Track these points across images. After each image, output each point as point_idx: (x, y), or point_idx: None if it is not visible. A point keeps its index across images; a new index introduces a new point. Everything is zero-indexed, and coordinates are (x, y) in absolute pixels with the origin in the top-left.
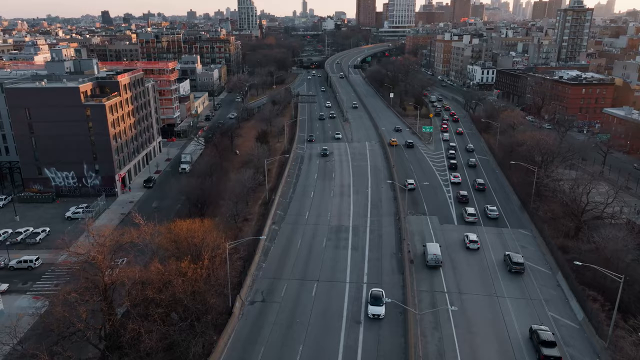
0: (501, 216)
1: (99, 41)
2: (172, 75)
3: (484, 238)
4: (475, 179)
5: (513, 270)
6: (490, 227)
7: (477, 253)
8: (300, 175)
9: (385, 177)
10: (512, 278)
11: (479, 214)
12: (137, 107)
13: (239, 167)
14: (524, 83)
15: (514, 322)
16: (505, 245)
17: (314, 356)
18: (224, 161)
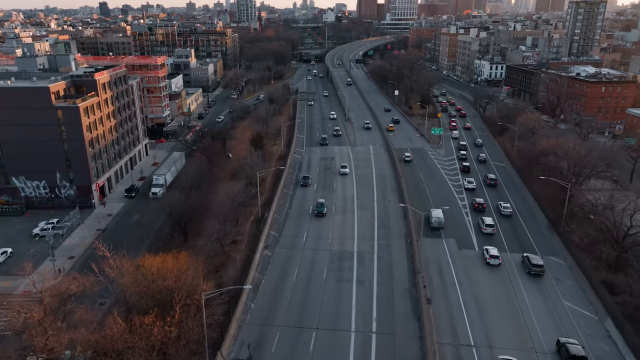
0: (525, 235)
1: (91, 33)
2: (161, 71)
3: (511, 271)
4: (498, 201)
5: (532, 272)
6: (517, 253)
7: (500, 273)
8: (298, 186)
9: (392, 188)
10: (553, 326)
11: (497, 224)
12: (119, 108)
13: (230, 176)
14: (537, 80)
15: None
16: (538, 280)
17: None
18: (215, 167)
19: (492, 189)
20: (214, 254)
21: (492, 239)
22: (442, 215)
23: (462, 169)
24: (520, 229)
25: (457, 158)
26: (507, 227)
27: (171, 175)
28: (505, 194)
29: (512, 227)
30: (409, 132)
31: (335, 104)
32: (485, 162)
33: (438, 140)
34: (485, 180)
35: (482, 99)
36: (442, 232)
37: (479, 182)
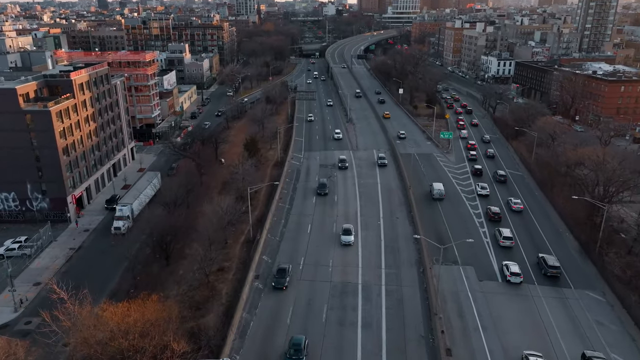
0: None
1: (84, 27)
2: (149, 69)
3: (542, 309)
4: (509, 198)
5: (549, 274)
6: (546, 286)
7: (529, 308)
8: (295, 198)
9: (400, 202)
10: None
11: (515, 237)
12: (100, 110)
13: (221, 186)
14: (549, 78)
15: None
16: (576, 322)
17: None
18: (205, 175)
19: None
20: (197, 283)
21: (510, 253)
22: (443, 187)
23: (473, 172)
24: (544, 249)
25: (468, 160)
26: (530, 250)
27: (140, 204)
28: (525, 208)
29: (535, 246)
30: (415, 134)
31: (336, 102)
32: (493, 158)
33: (447, 145)
34: (496, 176)
35: (492, 98)
36: (458, 257)
37: (492, 184)
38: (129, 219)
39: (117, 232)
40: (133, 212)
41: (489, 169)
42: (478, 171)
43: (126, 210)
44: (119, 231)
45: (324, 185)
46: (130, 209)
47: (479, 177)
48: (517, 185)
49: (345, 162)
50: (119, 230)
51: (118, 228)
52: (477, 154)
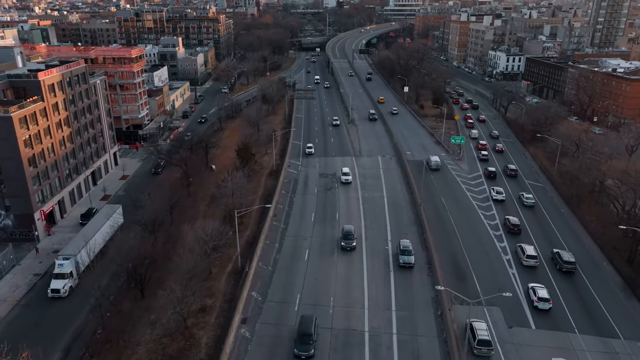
0: (591, 299)
1: (76, 19)
2: (135, 65)
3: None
4: (521, 193)
5: (564, 269)
6: (590, 335)
7: None
8: (292, 215)
9: (409, 220)
10: None
11: (540, 256)
12: (77, 113)
13: (209, 199)
14: (564, 75)
15: None
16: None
17: None
18: (193, 184)
19: None
20: (174, 329)
21: (535, 273)
22: (439, 158)
23: (487, 174)
24: (580, 284)
25: (480, 160)
26: (563, 283)
27: (90, 252)
28: (550, 226)
29: (569, 282)
30: (422, 137)
31: (337, 100)
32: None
33: (459, 151)
34: (506, 170)
35: (503, 97)
36: (480, 291)
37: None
38: (72, 276)
39: (56, 295)
40: (79, 266)
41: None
42: (492, 174)
43: (68, 265)
44: (57, 294)
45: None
46: (73, 263)
47: (492, 179)
48: (540, 198)
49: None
50: (58, 293)
51: (57, 290)
52: (488, 154)
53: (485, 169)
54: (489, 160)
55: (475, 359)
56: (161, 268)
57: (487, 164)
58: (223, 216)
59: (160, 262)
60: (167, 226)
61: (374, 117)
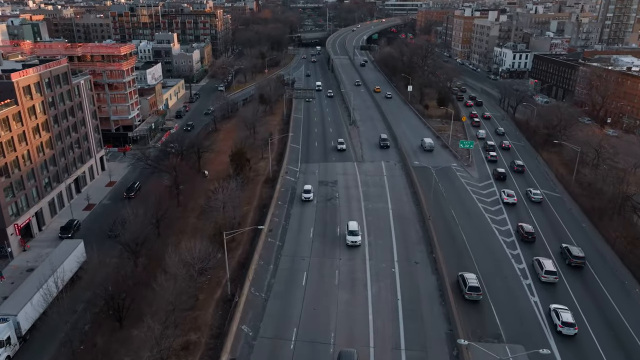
0: (624, 331)
1: (70, 13)
2: (125, 64)
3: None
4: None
5: (573, 264)
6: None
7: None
8: (289, 230)
9: (417, 238)
10: None
11: (559, 271)
12: (57, 116)
13: (200, 210)
14: (574, 74)
15: None
16: None
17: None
18: (183, 193)
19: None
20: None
21: (555, 291)
22: (432, 140)
23: (496, 176)
24: (610, 312)
25: (488, 161)
26: (586, 300)
27: (38, 307)
28: (570, 241)
29: (593, 300)
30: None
31: (339, 103)
32: (523, 172)
33: (467, 156)
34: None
35: (511, 97)
36: (501, 331)
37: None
38: (9, 344)
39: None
40: (20, 328)
41: None
42: (501, 175)
43: (4, 330)
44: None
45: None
46: (12, 326)
47: (502, 181)
48: (557, 210)
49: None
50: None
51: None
52: (497, 155)
53: (494, 170)
54: (498, 161)
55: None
56: (142, 294)
57: (495, 165)
58: (213, 233)
59: (141, 288)
60: (153, 241)
61: None
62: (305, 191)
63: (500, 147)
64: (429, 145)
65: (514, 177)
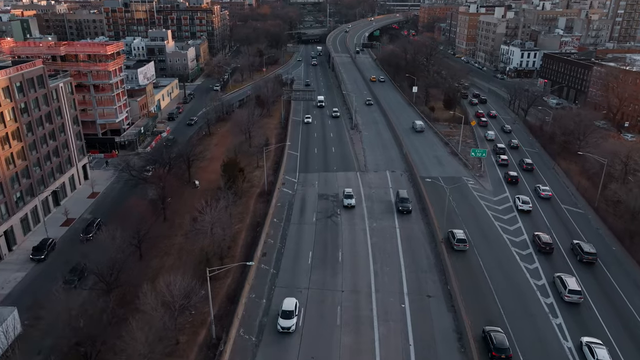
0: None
1: (64, 9)
2: (111, 64)
3: None
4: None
5: (585, 260)
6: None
7: None
8: (285, 254)
9: (429, 264)
10: None
11: (584, 291)
12: (31, 123)
13: (188, 226)
14: (587, 74)
15: None
16: None
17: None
18: (169, 208)
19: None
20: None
21: (579, 313)
22: (423, 122)
23: (508, 179)
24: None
25: (499, 165)
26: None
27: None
28: (601, 268)
29: (626, 329)
30: (435, 147)
31: (339, 104)
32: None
33: (479, 165)
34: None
35: (522, 99)
36: None
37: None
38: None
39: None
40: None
41: None
42: (513, 179)
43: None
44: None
45: (351, 197)
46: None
47: (514, 185)
48: (582, 230)
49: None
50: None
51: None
52: (508, 158)
53: (506, 174)
54: (509, 165)
55: None
56: (116, 335)
57: (506, 168)
58: (198, 260)
59: (115, 328)
60: (133, 266)
61: None
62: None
63: (508, 146)
64: (419, 126)
65: (524, 176)
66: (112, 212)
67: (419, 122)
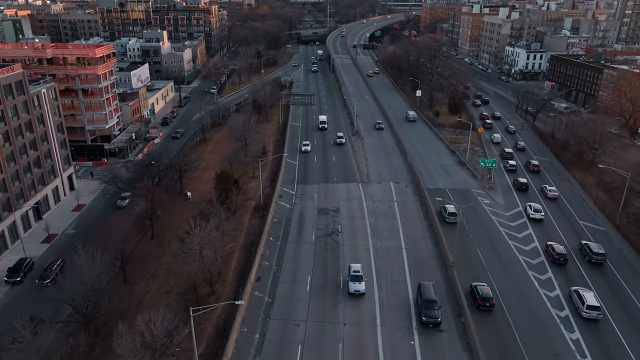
0: None
1: (60, 8)
2: (100, 67)
3: None
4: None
5: (593, 260)
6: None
7: None
8: (281, 281)
9: (440, 291)
10: None
11: (603, 308)
12: (10, 133)
13: (180, 242)
14: (598, 77)
15: None
16: None
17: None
18: (157, 224)
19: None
20: None
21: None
22: (415, 113)
23: (517, 186)
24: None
25: (507, 171)
26: None
27: None
28: (624, 289)
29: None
30: (441, 155)
31: (340, 107)
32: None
33: (489, 176)
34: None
35: (530, 103)
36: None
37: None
38: None
39: None
40: None
41: None
42: (523, 186)
43: None
44: None
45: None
46: None
47: (524, 192)
48: (605, 247)
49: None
50: None
51: None
52: (517, 164)
53: (515, 180)
54: (517, 170)
55: None
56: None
57: (515, 174)
58: (184, 290)
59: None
60: (118, 286)
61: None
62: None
63: (514, 147)
64: (412, 116)
65: (531, 178)
66: (96, 227)
67: (411, 112)
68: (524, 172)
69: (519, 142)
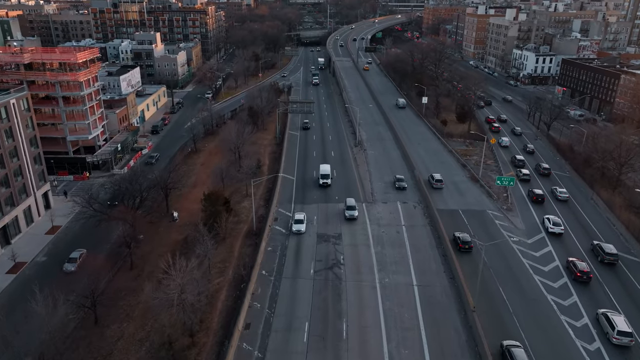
0: None
1: (54, 9)
2: (82, 74)
3: None
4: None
5: (606, 260)
6: None
7: None
8: (273, 329)
9: (460, 342)
10: None
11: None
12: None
13: (162, 272)
14: (614, 82)
15: None
16: None
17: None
18: (137, 252)
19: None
20: None
21: None
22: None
23: (533, 198)
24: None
25: (521, 181)
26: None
27: None
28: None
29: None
30: (451, 170)
31: (340, 113)
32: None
33: (505, 195)
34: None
35: (544, 111)
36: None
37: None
38: None
39: None
40: None
41: None
42: (539, 198)
43: None
44: None
45: None
46: None
47: (540, 204)
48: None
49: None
50: None
51: None
52: (530, 173)
53: (530, 191)
54: (531, 180)
55: None
56: None
57: (529, 185)
58: (158, 344)
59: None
60: (88, 330)
61: None
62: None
63: (523, 151)
64: (402, 103)
65: (541, 182)
66: (70, 253)
67: (401, 99)
68: (537, 182)
69: (527, 145)
